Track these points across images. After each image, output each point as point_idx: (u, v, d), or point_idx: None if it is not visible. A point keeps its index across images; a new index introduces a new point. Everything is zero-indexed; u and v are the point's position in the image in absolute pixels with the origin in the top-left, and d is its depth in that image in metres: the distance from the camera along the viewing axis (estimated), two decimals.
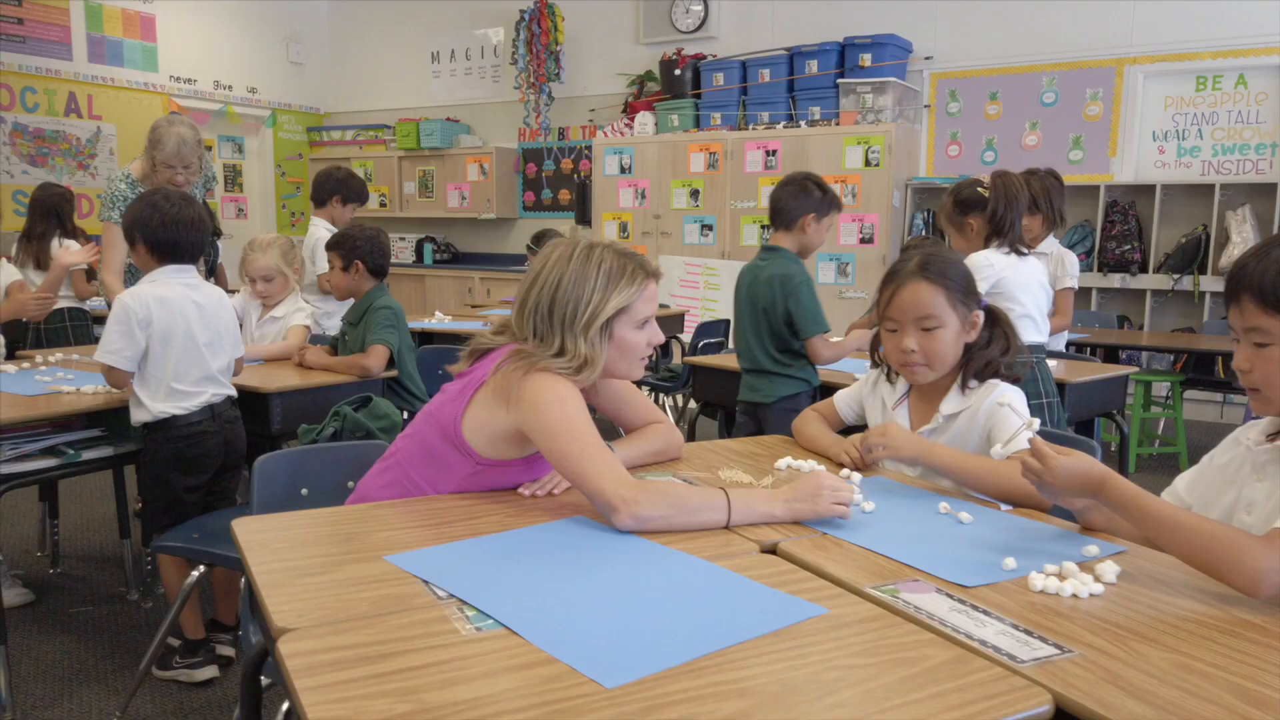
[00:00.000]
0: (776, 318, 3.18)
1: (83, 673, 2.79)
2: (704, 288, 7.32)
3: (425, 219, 9.29)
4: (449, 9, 9.09)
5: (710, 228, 7.40)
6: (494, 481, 1.76)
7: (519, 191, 8.93)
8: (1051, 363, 3.59)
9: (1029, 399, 2.85)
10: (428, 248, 9.06)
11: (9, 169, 7.70)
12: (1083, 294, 6.40)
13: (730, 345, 4.43)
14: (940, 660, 1.11)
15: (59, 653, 2.91)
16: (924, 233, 6.97)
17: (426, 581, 1.31)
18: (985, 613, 1.25)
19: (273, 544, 1.46)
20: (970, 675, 1.08)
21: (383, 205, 9.32)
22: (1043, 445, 1.48)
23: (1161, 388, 5.96)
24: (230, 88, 9.20)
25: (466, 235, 9.28)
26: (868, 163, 6.84)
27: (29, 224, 5.13)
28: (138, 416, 2.69)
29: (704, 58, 7.62)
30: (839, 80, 7.00)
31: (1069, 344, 4.30)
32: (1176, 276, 6.30)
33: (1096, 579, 1.34)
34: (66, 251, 3.49)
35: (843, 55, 7.09)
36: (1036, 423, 1.68)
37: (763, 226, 7.06)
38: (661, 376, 5.29)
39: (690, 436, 3.89)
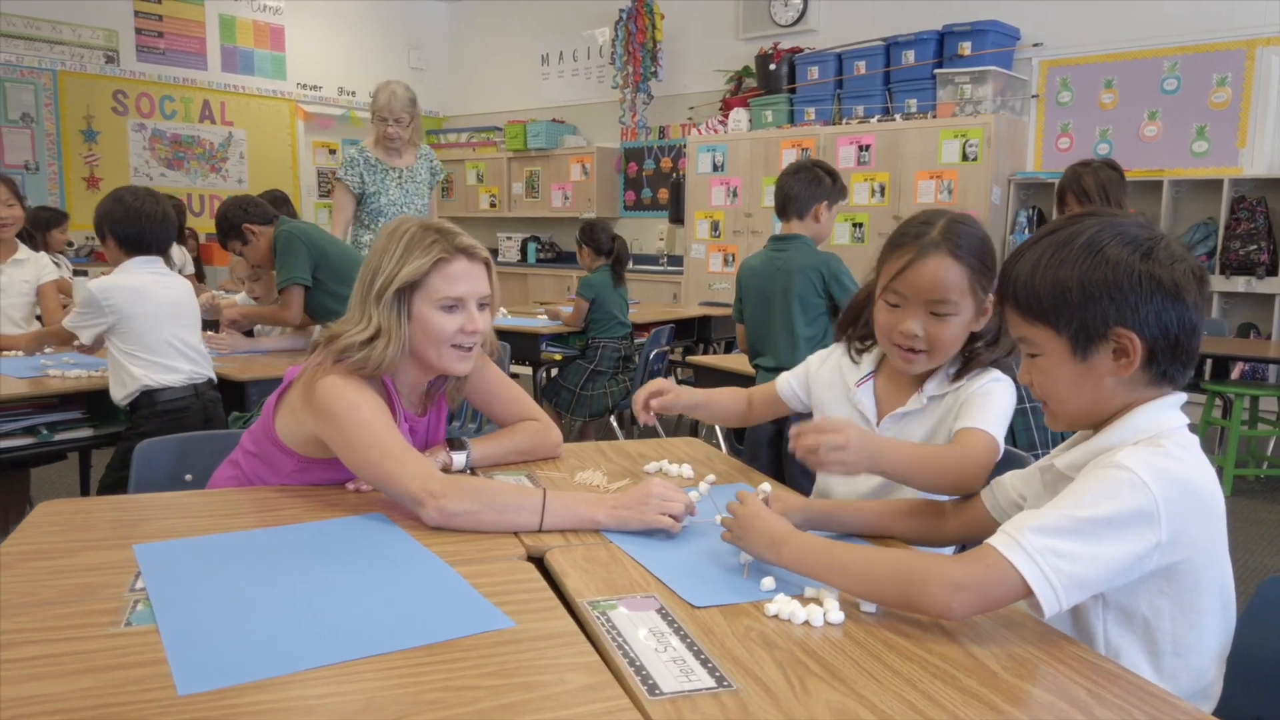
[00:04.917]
0: (818, 308, 3.06)
1: None
2: None
3: (531, 219, 9.41)
4: (559, 10, 9.18)
5: None
6: (320, 477, 1.72)
7: (620, 190, 8.93)
8: None
9: None
10: (531, 246, 9.18)
11: (148, 172, 8.25)
12: None
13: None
14: (573, 686, 1.00)
15: None
16: (1027, 231, 6.55)
17: (139, 573, 1.29)
18: (683, 637, 1.12)
19: (49, 526, 1.47)
20: (585, 705, 0.97)
21: (492, 205, 9.51)
22: (742, 507, 1.35)
23: (1270, 403, 5.38)
24: (354, 93, 9.57)
25: (569, 234, 9.34)
26: (965, 157, 6.47)
27: None
28: (119, 394, 2.78)
29: (800, 51, 7.40)
30: (936, 70, 6.65)
31: None
32: None
33: (841, 608, 1.18)
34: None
35: (941, 44, 6.74)
36: (767, 487, 1.51)
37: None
38: None
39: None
